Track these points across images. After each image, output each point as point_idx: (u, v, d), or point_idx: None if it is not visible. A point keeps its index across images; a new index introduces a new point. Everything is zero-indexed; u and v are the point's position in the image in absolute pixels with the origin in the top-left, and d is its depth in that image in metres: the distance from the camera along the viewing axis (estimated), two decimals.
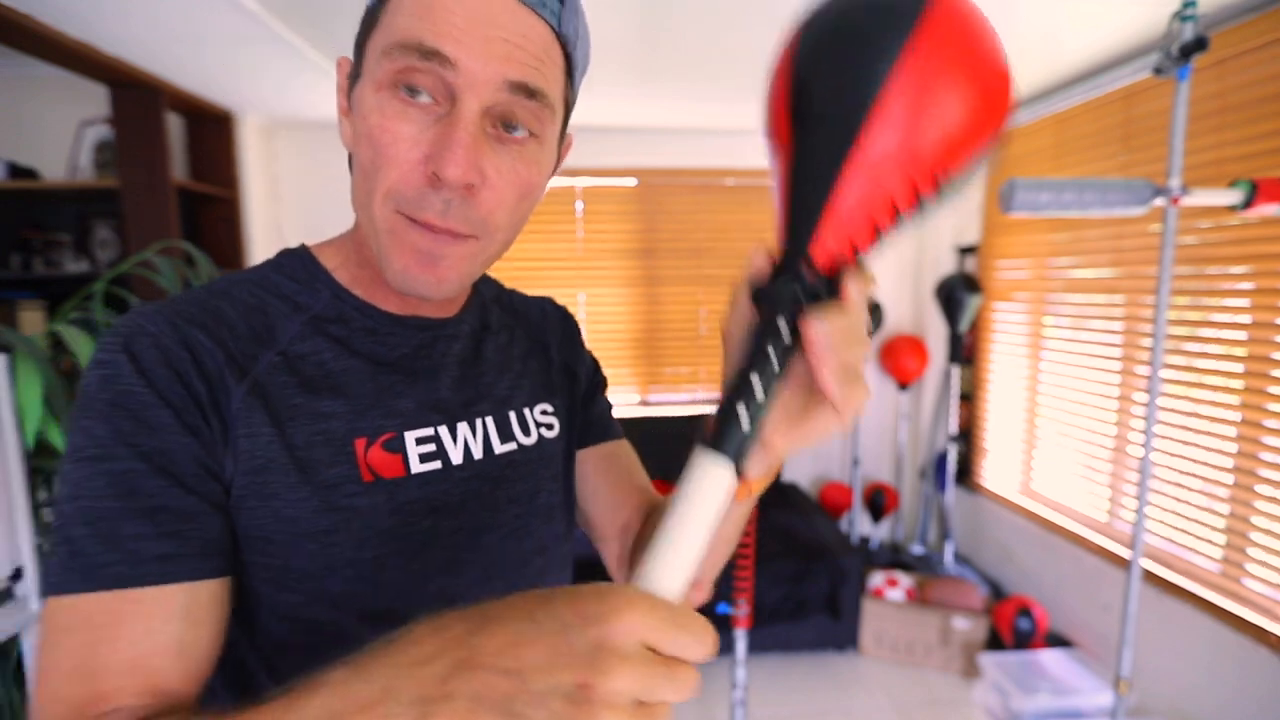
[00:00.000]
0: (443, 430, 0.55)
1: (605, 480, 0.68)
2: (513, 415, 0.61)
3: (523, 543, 0.59)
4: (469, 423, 0.57)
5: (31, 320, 2.39)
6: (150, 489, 0.43)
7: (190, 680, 0.43)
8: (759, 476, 0.43)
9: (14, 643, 1.49)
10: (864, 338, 0.38)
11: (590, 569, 0.52)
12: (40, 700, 0.41)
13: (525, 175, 0.48)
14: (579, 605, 0.31)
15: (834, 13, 0.39)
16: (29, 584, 1.41)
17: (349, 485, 0.50)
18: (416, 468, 0.53)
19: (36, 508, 1.56)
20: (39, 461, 1.53)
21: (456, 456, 0.55)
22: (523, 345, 0.66)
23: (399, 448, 0.53)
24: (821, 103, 0.38)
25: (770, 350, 0.37)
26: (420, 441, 0.54)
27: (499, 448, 0.58)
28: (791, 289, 0.38)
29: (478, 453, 0.57)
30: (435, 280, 0.48)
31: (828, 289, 0.38)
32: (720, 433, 0.36)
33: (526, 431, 0.61)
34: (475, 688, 0.30)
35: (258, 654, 0.50)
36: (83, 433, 0.44)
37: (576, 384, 0.69)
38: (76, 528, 0.42)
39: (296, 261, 0.55)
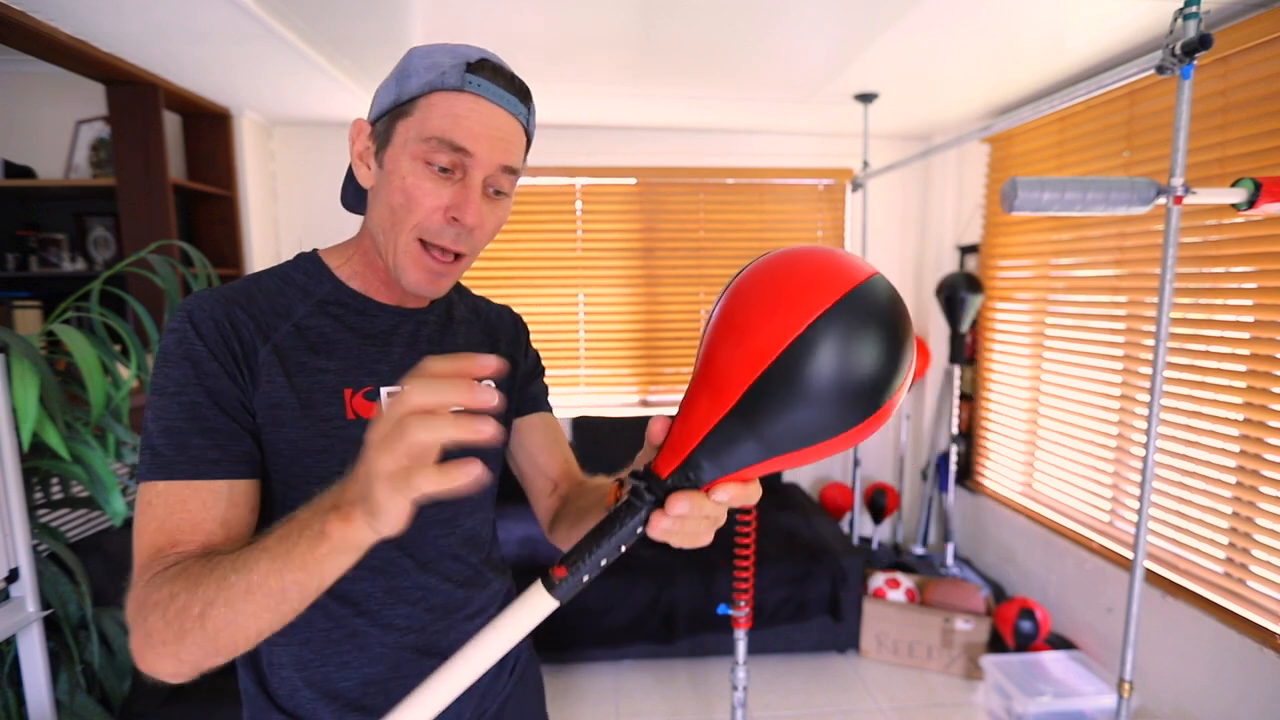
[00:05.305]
0: None
1: (538, 444, 0.90)
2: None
3: None
4: None
5: (27, 320, 2.38)
6: (209, 415, 0.64)
7: (230, 544, 0.62)
8: None
9: (9, 644, 1.47)
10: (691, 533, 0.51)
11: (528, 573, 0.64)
12: (136, 548, 0.62)
13: (500, 218, 0.73)
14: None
15: None
16: (25, 585, 1.40)
17: (337, 420, 0.71)
18: None
19: (33, 509, 1.55)
20: (35, 462, 1.52)
21: None
22: (477, 336, 0.87)
23: (375, 397, 0.73)
24: None
25: (627, 523, 0.50)
26: (391, 395, 0.73)
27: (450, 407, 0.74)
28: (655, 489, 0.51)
29: None
30: (437, 289, 0.73)
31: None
32: (561, 585, 0.49)
33: None
34: (349, 499, 0.48)
35: None
36: (164, 376, 0.65)
37: (516, 371, 0.90)
38: (159, 439, 0.63)
39: (308, 262, 0.77)
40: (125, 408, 1.65)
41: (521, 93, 0.70)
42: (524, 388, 0.91)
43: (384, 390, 0.74)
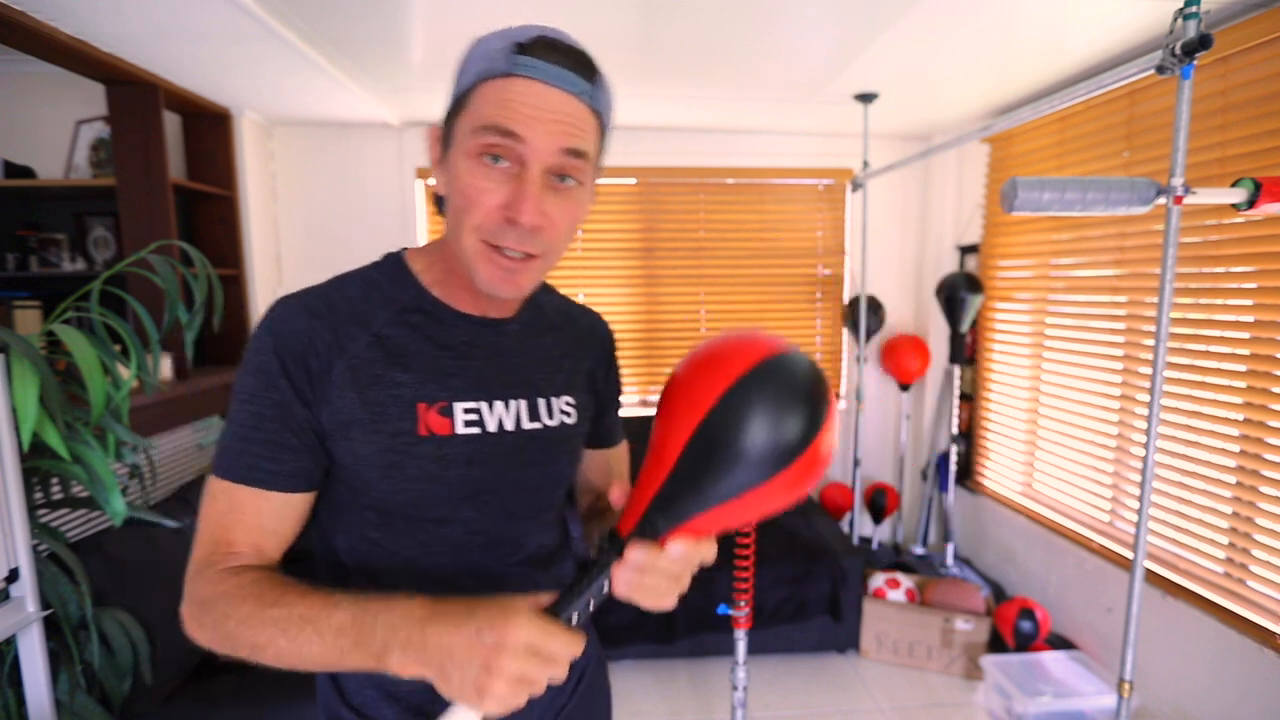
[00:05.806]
0: (483, 405, 0.73)
1: (600, 472, 0.93)
2: (541, 401, 0.78)
3: (535, 498, 0.79)
4: (504, 401, 0.75)
5: (27, 320, 2.38)
6: (271, 428, 0.67)
7: (280, 548, 0.69)
8: None
9: (9, 644, 1.47)
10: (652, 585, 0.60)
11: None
12: (198, 531, 0.68)
13: (573, 211, 0.67)
14: (489, 616, 0.54)
15: None
16: (25, 585, 1.40)
17: (408, 436, 0.69)
18: (461, 430, 0.72)
19: (33, 509, 1.55)
20: (35, 462, 1.52)
21: (492, 425, 0.74)
22: (562, 348, 0.83)
23: (449, 414, 0.71)
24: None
25: (594, 577, 0.58)
26: (466, 411, 0.72)
27: (526, 424, 0.76)
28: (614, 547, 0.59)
29: (509, 425, 0.75)
30: (514, 288, 0.68)
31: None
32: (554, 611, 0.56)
33: (550, 415, 0.79)
34: (420, 654, 0.54)
35: (345, 536, 0.74)
36: (240, 382, 0.68)
37: (596, 389, 0.88)
38: (229, 440, 0.67)
39: (392, 264, 0.75)
40: (125, 408, 1.64)
41: (583, 66, 0.64)
42: (602, 416, 0.90)
43: (458, 405, 0.72)
